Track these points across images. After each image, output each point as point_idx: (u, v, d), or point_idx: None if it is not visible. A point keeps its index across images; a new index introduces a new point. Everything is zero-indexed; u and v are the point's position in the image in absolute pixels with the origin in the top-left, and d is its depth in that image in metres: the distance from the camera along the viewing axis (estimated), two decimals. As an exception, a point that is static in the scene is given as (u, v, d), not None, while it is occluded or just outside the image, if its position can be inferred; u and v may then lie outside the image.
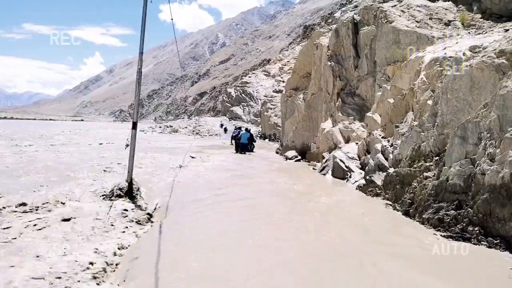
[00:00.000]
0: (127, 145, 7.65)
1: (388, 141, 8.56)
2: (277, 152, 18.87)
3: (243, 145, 19.45)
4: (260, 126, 44.59)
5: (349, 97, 12.32)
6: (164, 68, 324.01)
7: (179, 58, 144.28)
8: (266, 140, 35.57)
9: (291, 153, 15.42)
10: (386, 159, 8.25)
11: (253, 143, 21.29)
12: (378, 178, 8.01)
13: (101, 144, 21.03)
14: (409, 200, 6.35)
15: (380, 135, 9.07)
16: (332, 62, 13.20)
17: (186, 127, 52.40)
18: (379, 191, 7.75)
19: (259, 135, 40.84)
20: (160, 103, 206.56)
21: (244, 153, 18.70)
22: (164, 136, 40.82)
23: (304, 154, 15.03)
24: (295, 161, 14.62)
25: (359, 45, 12.19)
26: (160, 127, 55.13)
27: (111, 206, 6.68)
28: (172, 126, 53.14)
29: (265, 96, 54.80)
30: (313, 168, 12.14)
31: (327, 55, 13.62)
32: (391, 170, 7.60)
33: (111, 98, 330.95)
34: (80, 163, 11.74)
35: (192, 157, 14.88)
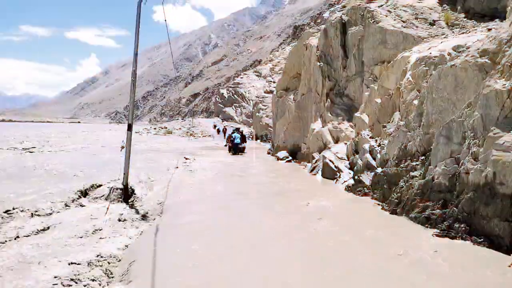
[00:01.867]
0: (122, 147, 7.59)
1: (376, 141, 8.54)
2: (268, 153, 18.83)
3: (236, 145, 19.47)
4: (252, 126, 44.52)
5: (338, 98, 12.29)
6: (158, 69, 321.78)
7: (173, 60, 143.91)
8: (258, 140, 35.49)
9: (283, 153, 15.39)
10: (374, 159, 8.23)
11: (244, 143, 21.28)
12: (367, 178, 7.99)
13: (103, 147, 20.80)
14: (396, 200, 6.32)
15: (368, 135, 9.05)
16: (321, 63, 13.16)
17: (180, 128, 52.16)
18: (367, 190, 7.72)
19: (251, 136, 40.80)
20: (154, 105, 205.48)
21: (237, 154, 18.72)
22: (159, 137, 40.53)
23: (295, 154, 15.01)
24: (286, 161, 14.59)
25: (348, 45, 12.17)
26: (154, 128, 54.68)
27: (107, 209, 6.60)
28: (166, 128, 52.85)
29: (256, 97, 54.75)
30: (304, 168, 12.10)
31: (316, 55, 13.58)
32: (379, 170, 7.58)
33: (107, 99, 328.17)
34: (74, 165, 11.57)
35: (187, 159, 14.80)
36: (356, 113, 10.55)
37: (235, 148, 19.32)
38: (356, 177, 8.43)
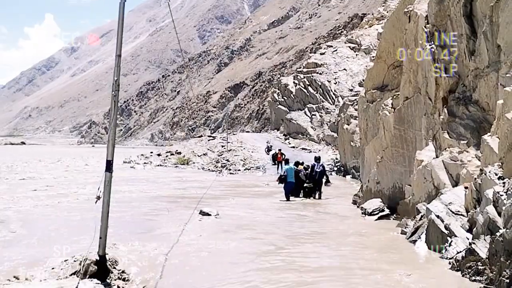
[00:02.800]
0: (98, 198, 9.64)
1: (504, 184, 10.06)
2: (354, 202, 20.55)
3: (289, 186, 22.44)
4: (338, 149, 45.97)
5: (461, 106, 13.84)
6: (167, 40, 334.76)
7: (196, 21, 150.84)
8: (348, 177, 37.02)
9: (374, 203, 17.05)
10: (500, 214, 9.77)
11: (323, 183, 23.66)
12: (483, 246, 9.56)
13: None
14: (507, 280, 7.91)
15: (496, 174, 10.58)
16: (433, 45, 14.88)
17: (205, 154, 55.15)
18: (481, 267, 9.29)
19: (335, 167, 42.42)
20: (160, 107, 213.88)
21: (288, 200, 22.06)
22: (165, 172, 43.71)
23: (396, 204, 16.61)
24: (378, 218, 16.34)
25: (476, 15, 13.80)
26: (159, 154, 58.16)
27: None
28: (179, 153, 56.00)
29: (350, 90, 56.46)
30: (402, 231, 13.77)
31: (426, 32, 15.34)
32: (502, 231, 9.13)
33: (74, 99, 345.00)
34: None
35: (204, 214, 17.10)
36: (485, 134, 12.09)
37: (287, 190, 22.05)
38: (470, 245, 10.02)
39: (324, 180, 23.80)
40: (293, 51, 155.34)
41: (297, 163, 24.95)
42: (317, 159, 24.55)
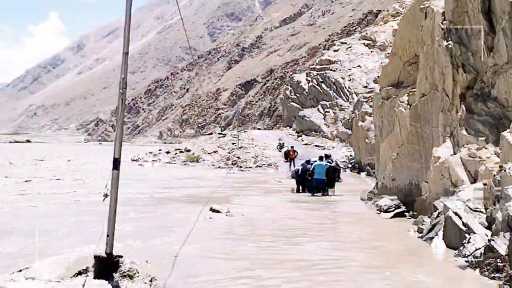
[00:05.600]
0: (105, 195, 9.85)
1: (525, 180, 10.17)
2: (369, 198, 20.68)
3: (319, 182, 22.68)
4: (352, 146, 46.18)
5: (479, 102, 13.95)
6: (175, 37, 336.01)
7: (206, 18, 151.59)
8: (363, 174, 37.17)
9: (389, 200, 17.19)
10: (520, 211, 9.86)
11: (336, 179, 23.89)
12: (502, 243, 9.65)
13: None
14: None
15: (516, 171, 10.69)
16: (451, 42, 14.97)
17: (215, 151, 55.29)
18: (501, 264, 9.39)
19: (349, 164, 42.69)
20: (169, 105, 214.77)
21: (323, 195, 22.59)
22: (174, 169, 43.95)
23: (412, 201, 16.73)
24: (394, 215, 16.48)
25: (494, 11, 13.88)
26: (167, 152, 58.23)
27: None
28: (189, 151, 56.13)
29: (364, 87, 56.51)
30: (419, 229, 13.86)
31: (442, 28, 15.43)
32: (523, 229, 9.23)
33: (81, 97, 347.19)
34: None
35: (214, 211, 17.31)
36: (505, 131, 12.18)
37: (316, 187, 22.52)
38: (489, 242, 10.11)
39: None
40: (305, 48, 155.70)
41: (321, 158, 25.22)
42: (328, 156, 24.97)
